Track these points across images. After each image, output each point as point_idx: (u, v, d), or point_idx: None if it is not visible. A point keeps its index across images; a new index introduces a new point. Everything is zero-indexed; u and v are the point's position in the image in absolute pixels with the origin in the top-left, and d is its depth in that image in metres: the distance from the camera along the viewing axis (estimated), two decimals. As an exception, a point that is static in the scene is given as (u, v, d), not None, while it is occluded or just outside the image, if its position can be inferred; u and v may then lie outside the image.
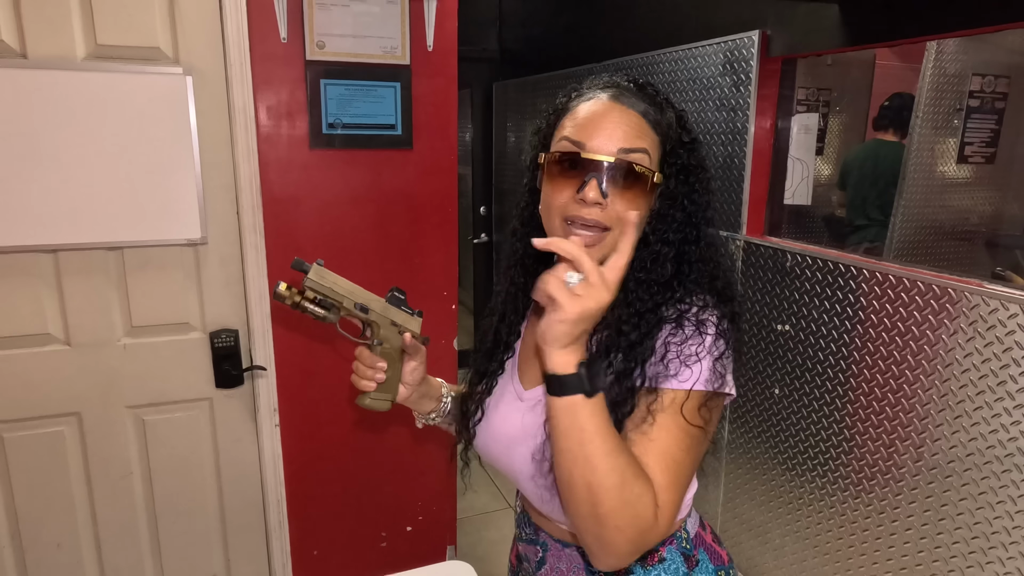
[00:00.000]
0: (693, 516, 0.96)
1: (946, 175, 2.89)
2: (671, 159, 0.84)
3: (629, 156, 0.80)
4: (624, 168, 0.79)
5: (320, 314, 0.93)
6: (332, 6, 1.66)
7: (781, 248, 1.84)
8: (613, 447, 0.70)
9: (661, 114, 0.84)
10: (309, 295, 0.92)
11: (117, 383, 1.67)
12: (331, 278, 0.92)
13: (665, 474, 0.75)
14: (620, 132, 0.81)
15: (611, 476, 0.70)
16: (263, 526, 1.90)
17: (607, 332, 0.83)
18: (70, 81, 1.48)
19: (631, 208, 0.79)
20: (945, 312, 1.41)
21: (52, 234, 1.53)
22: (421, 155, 1.82)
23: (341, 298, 0.92)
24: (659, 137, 0.83)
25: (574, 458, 0.71)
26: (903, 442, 1.53)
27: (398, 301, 0.97)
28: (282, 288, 0.91)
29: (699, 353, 0.79)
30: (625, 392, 0.79)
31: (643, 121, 0.82)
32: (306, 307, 0.92)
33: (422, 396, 1.05)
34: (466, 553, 2.51)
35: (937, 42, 2.68)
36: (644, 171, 0.80)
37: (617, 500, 0.70)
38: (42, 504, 1.67)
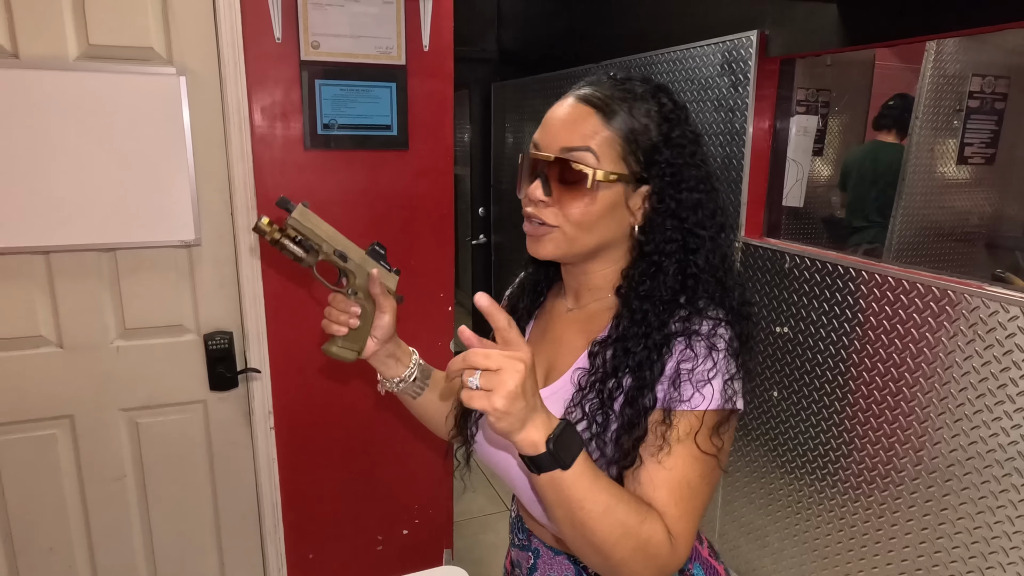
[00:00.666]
0: None
1: (946, 176, 2.88)
2: (649, 156, 0.80)
3: (570, 155, 0.79)
4: (561, 167, 0.79)
5: (298, 254, 0.91)
6: (327, 6, 1.65)
7: (780, 249, 1.82)
8: (607, 505, 0.68)
9: (631, 109, 0.80)
10: (290, 233, 0.91)
11: (110, 385, 1.66)
12: (314, 220, 0.91)
13: (679, 504, 0.73)
14: (564, 129, 0.80)
15: (613, 532, 0.69)
16: (258, 530, 1.89)
17: (613, 350, 0.80)
18: (62, 81, 1.47)
19: (578, 205, 0.79)
20: (945, 314, 1.39)
21: (44, 236, 1.52)
22: (417, 156, 1.81)
23: (321, 241, 0.91)
24: (617, 134, 0.79)
25: (571, 524, 0.70)
26: (903, 445, 1.52)
27: (377, 255, 0.96)
28: (264, 222, 0.89)
29: (711, 374, 0.76)
30: (636, 415, 0.77)
31: (595, 116, 0.79)
32: (285, 244, 0.90)
33: (389, 356, 1.01)
34: (462, 557, 2.49)
35: (936, 42, 2.67)
36: (581, 169, 0.78)
37: (626, 550, 0.69)
38: (34, 508, 1.66)
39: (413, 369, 1.04)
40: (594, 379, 0.81)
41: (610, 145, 0.79)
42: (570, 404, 0.82)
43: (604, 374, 0.80)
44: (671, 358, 0.78)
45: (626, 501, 0.71)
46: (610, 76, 0.84)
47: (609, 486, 0.70)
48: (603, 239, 0.82)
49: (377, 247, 0.96)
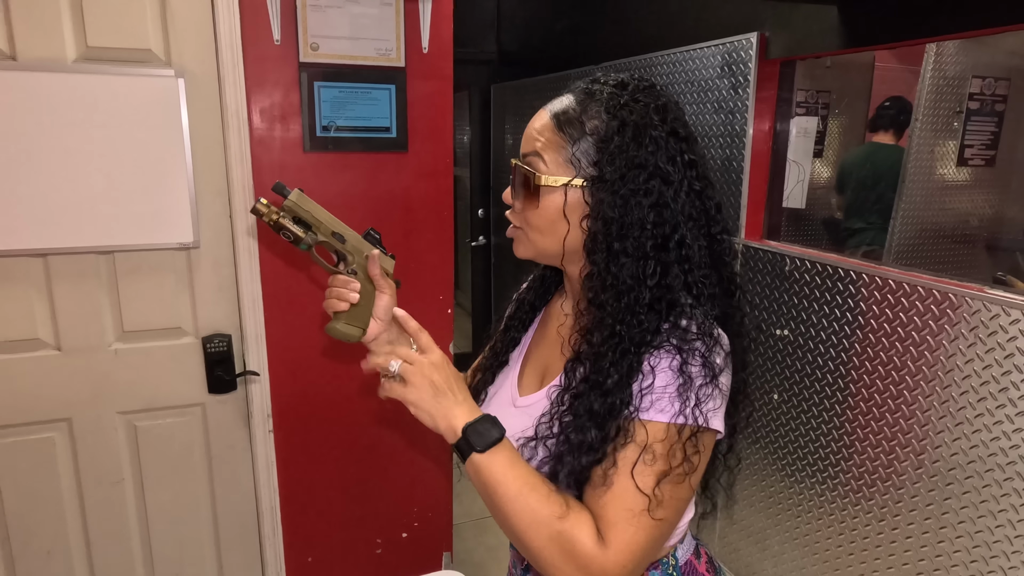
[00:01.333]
0: (687, 543, 0.92)
1: (946, 178, 2.88)
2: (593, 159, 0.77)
3: (524, 160, 0.83)
4: (517, 171, 0.84)
5: (298, 233, 0.93)
6: (326, 8, 1.64)
7: (780, 252, 1.82)
8: (518, 491, 0.74)
9: (581, 112, 0.79)
10: (286, 214, 0.93)
11: (108, 388, 1.65)
12: (311, 204, 0.93)
13: (617, 511, 0.72)
14: (527, 137, 0.84)
15: (524, 518, 0.73)
16: (257, 533, 1.88)
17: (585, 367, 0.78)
18: (60, 83, 1.46)
19: (530, 209, 0.83)
20: (946, 317, 1.39)
21: (42, 238, 1.51)
22: (416, 158, 1.81)
23: (319, 223, 0.93)
24: (567, 138, 0.79)
25: (492, 508, 0.77)
26: (903, 448, 1.51)
27: (374, 240, 0.98)
28: (262, 203, 0.91)
29: (674, 388, 0.73)
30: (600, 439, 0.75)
31: (549, 122, 0.82)
32: (284, 225, 0.92)
33: (390, 342, 0.99)
34: (462, 559, 2.49)
35: (936, 44, 2.67)
36: (527, 172, 0.82)
37: (540, 539, 0.73)
38: (32, 511, 1.65)
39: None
40: (566, 396, 0.80)
41: (556, 150, 0.80)
42: (542, 419, 0.82)
43: (575, 393, 0.78)
44: (642, 375, 0.75)
45: (541, 491, 0.74)
46: (591, 78, 0.85)
47: (526, 475, 0.75)
48: (560, 243, 0.82)
49: (372, 232, 0.99)
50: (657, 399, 0.73)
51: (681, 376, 0.74)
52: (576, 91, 0.83)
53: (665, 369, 0.74)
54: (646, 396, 0.74)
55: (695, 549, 0.94)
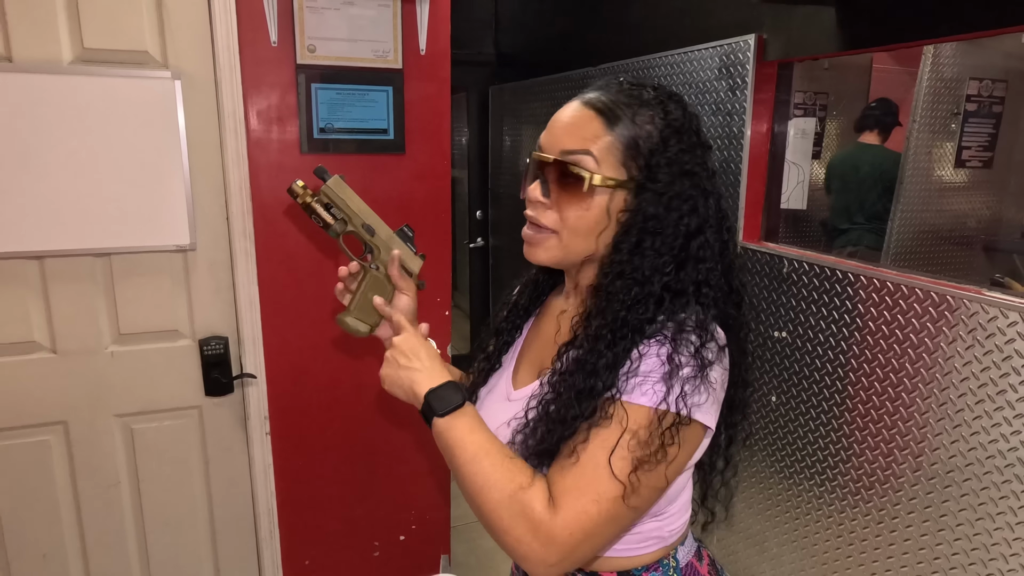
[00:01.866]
0: (687, 544, 0.92)
1: (943, 179, 2.88)
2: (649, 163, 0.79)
3: (569, 157, 0.79)
4: (560, 168, 0.79)
5: (327, 220, 0.94)
6: (323, 9, 1.64)
7: (777, 254, 1.82)
8: (474, 454, 0.76)
9: (634, 115, 0.79)
10: (323, 200, 0.93)
11: (104, 391, 1.65)
12: (348, 192, 0.93)
13: (574, 479, 0.72)
14: (565, 132, 0.81)
15: (477, 480, 0.75)
16: (254, 536, 1.88)
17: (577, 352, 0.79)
18: (56, 85, 1.46)
19: (575, 210, 0.79)
20: (944, 319, 1.39)
21: (38, 240, 1.51)
22: (414, 159, 1.80)
23: (352, 213, 0.93)
24: (618, 139, 0.78)
25: (452, 470, 0.80)
26: (901, 451, 1.51)
27: (405, 237, 0.98)
28: (298, 185, 0.92)
29: (659, 373, 0.74)
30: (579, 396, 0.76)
31: (597, 120, 0.79)
32: (315, 208, 0.93)
33: None
34: (460, 562, 2.48)
35: (934, 46, 2.67)
36: (580, 172, 0.78)
37: (491, 501, 0.74)
38: (28, 514, 1.65)
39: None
40: (556, 380, 0.81)
41: (609, 150, 0.78)
42: (530, 402, 0.83)
43: (562, 376, 0.80)
44: (630, 361, 0.76)
45: (496, 457, 0.76)
46: (619, 82, 0.84)
47: (484, 440, 0.78)
48: (597, 245, 0.81)
49: (406, 229, 0.99)
50: (640, 383, 0.74)
51: (668, 364, 0.74)
52: (615, 90, 0.82)
53: (653, 356, 0.75)
54: (630, 379, 0.75)
55: (697, 551, 0.93)
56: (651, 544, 0.87)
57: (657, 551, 0.88)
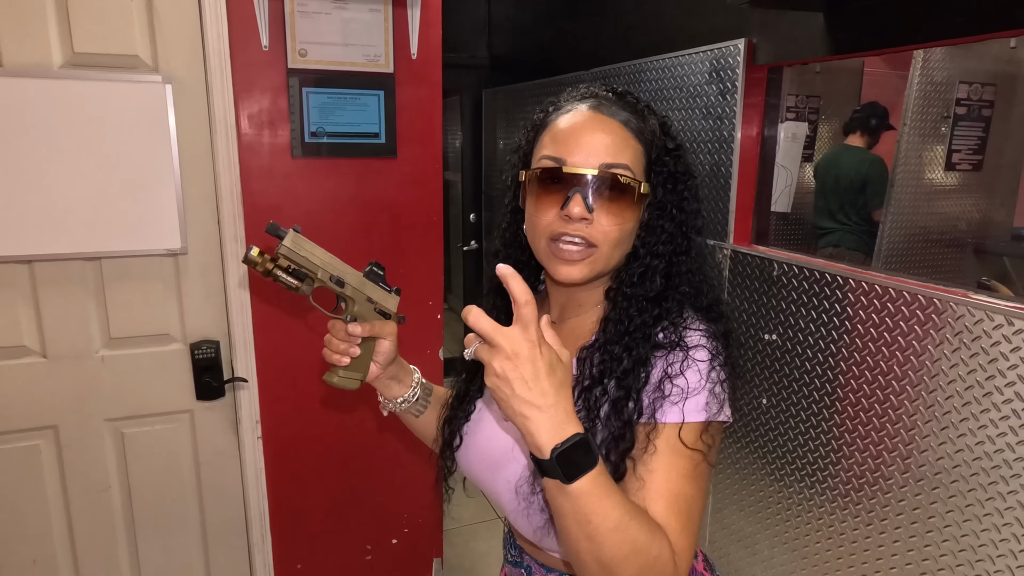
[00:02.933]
0: None
1: (934, 182, 2.90)
2: (657, 167, 0.82)
3: (612, 169, 0.78)
4: (609, 181, 0.77)
5: (292, 284, 0.89)
6: (314, 14, 1.64)
7: (768, 257, 1.83)
8: (618, 522, 0.65)
9: (643, 122, 0.82)
10: (283, 263, 0.88)
11: (95, 395, 1.64)
12: (307, 247, 0.88)
13: (679, 518, 0.72)
14: (602, 144, 0.79)
15: (623, 549, 0.65)
16: (245, 540, 1.87)
17: (600, 355, 0.80)
18: (47, 89, 1.46)
19: (618, 222, 0.78)
20: (931, 322, 1.40)
21: (28, 244, 1.50)
22: (405, 163, 1.81)
23: (316, 269, 0.88)
24: (642, 146, 0.81)
25: (577, 538, 0.66)
26: (890, 453, 1.52)
27: (376, 277, 0.93)
28: (254, 253, 0.87)
29: (697, 383, 0.76)
30: (623, 426, 0.76)
31: (625, 130, 0.80)
32: (278, 276, 0.88)
33: (391, 378, 1.00)
34: (453, 566, 2.48)
35: (924, 50, 2.69)
36: (630, 182, 0.78)
37: (634, 568, 0.66)
38: (17, 519, 1.64)
39: (416, 389, 1.03)
40: (581, 387, 0.80)
41: (639, 157, 0.81)
42: None
43: (591, 381, 0.79)
44: (656, 368, 0.78)
45: (639, 518, 0.67)
46: (613, 90, 0.85)
47: (622, 501, 0.66)
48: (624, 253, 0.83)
49: (375, 268, 0.93)
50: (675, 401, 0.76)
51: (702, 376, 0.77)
52: (621, 101, 0.83)
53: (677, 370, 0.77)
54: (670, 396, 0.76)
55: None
56: None
57: None
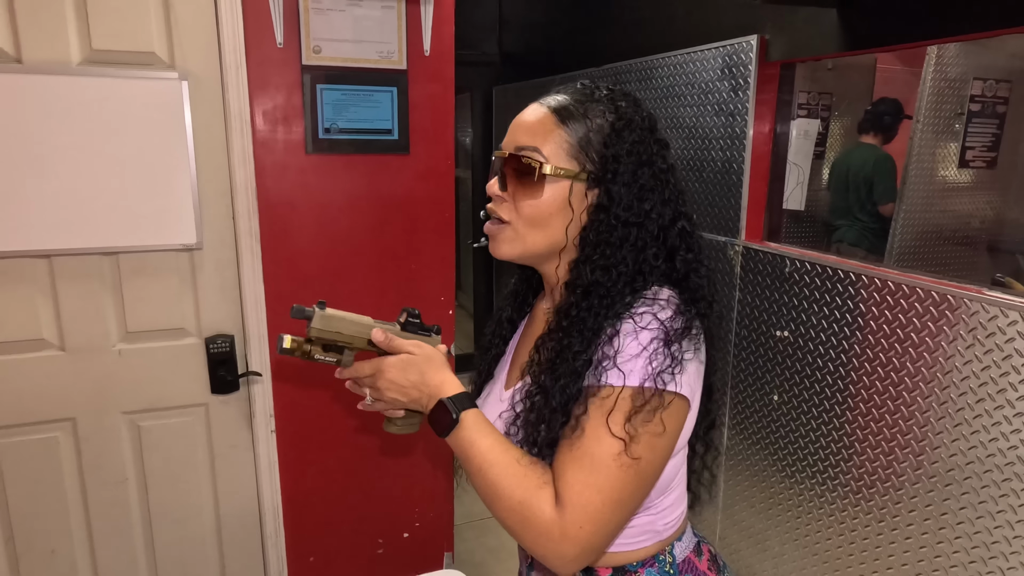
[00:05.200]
0: (685, 539, 0.92)
1: (947, 180, 2.88)
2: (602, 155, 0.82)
3: (521, 152, 0.83)
4: (513, 162, 0.84)
5: (333, 360, 0.89)
6: (328, 11, 1.65)
7: (780, 254, 1.82)
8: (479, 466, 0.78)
9: (583, 111, 0.83)
10: (316, 343, 0.87)
11: (112, 389, 1.66)
12: (336, 322, 0.86)
13: (575, 474, 0.74)
14: (521, 131, 0.85)
15: (484, 490, 0.78)
16: (259, 532, 1.89)
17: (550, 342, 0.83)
18: (65, 86, 1.48)
19: (526, 200, 0.83)
20: (945, 319, 1.39)
21: (47, 239, 1.53)
22: (418, 160, 1.82)
23: (351, 339, 0.87)
24: (569, 133, 0.83)
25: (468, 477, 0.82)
26: (903, 449, 1.52)
27: (414, 326, 0.92)
28: (287, 343, 0.86)
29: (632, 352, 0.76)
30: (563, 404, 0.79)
31: (551, 117, 0.84)
32: (317, 357, 0.88)
33: None
34: (464, 560, 2.49)
35: (938, 46, 2.67)
36: (531, 163, 0.82)
37: (499, 509, 0.77)
38: (36, 510, 1.66)
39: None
40: (534, 371, 0.84)
41: (558, 143, 0.83)
42: (519, 396, 0.86)
43: (540, 367, 0.83)
44: (602, 344, 0.79)
45: (503, 466, 0.77)
46: (578, 84, 0.88)
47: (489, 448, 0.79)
48: (555, 238, 0.85)
49: (411, 317, 0.92)
50: (619, 363, 0.76)
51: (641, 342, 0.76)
52: (570, 91, 0.87)
53: (626, 335, 0.77)
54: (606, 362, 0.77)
55: (696, 546, 0.93)
56: (645, 539, 0.88)
57: (652, 545, 0.88)
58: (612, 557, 0.87)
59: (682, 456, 0.89)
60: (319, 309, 0.85)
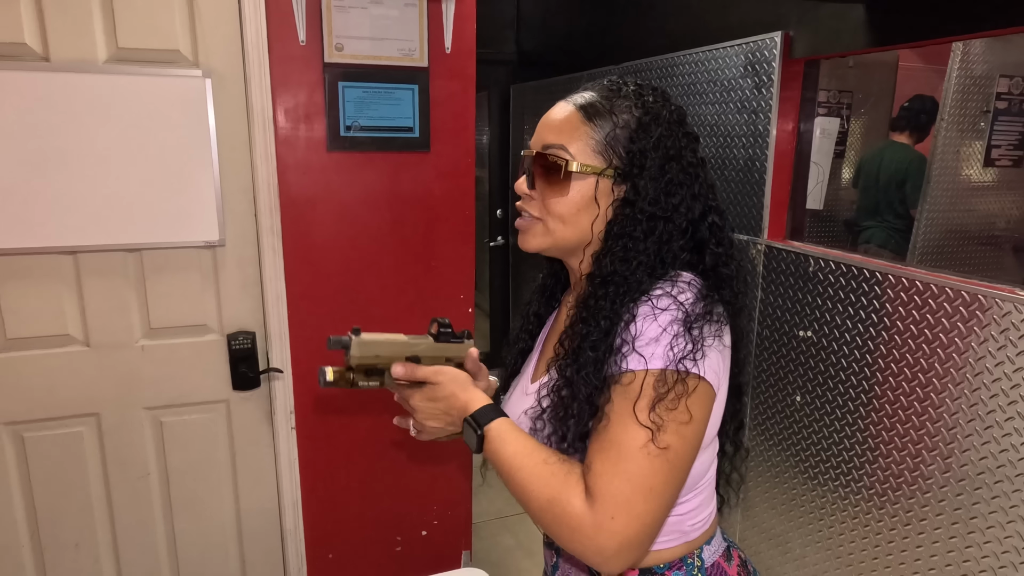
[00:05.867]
0: (714, 543, 0.91)
1: (972, 179, 2.83)
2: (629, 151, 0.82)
3: (548, 150, 0.84)
4: (540, 160, 0.85)
5: (376, 384, 0.90)
6: (350, 8, 1.66)
7: (803, 252, 1.80)
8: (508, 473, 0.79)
9: (611, 107, 0.84)
10: (358, 370, 0.88)
11: (135, 384, 1.68)
12: (373, 347, 0.87)
13: (604, 463, 0.74)
14: (548, 129, 0.86)
15: (517, 492, 0.79)
16: (279, 528, 1.90)
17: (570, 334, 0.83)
18: (91, 84, 1.49)
19: (555, 197, 0.84)
20: (975, 319, 1.37)
21: (72, 236, 1.54)
22: (438, 157, 1.82)
23: (390, 361, 0.88)
24: (595, 131, 0.83)
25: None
26: (930, 452, 1.49)
27: (446, 337, 0.93)
28: (330, 376, 0.87)
29: (654, 336, 0.75)
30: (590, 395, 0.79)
31: (577, 115, 0.84)
32: (360, 385, 0.89)
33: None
34: (481, 559, 2.49)
35: (963, 43, 2.63)
36: (557, 160, 0.83)
37: (535, 511, 0.77)
38: (61, 504, 1.68)
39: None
40: (560, 365, 0.84)
41: (585, 140, 0.83)
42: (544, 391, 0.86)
43: (564, 360, 0.83)
44: (620, 330, 0.78)
45: (531, 465, 0.78)
46: (605, 81, 0.89)
47: (517, 452, 0.79)
48: (582, 233, 0.85)
49: (443, 327, 0.93)
50: (639, 348, 0.76)
51: (664, 323, 0.76)
52: (597, 87, 0.87)
53: (648, 316, 0.77)
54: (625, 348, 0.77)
55: (726, 551, 0.92)
56: (672, 539, 0.86)
57: (679, 547, 0.87)
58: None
59: (711, 453, 0.88)
60: (355, 336, 0.86)
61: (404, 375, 0.87)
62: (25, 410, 1.60)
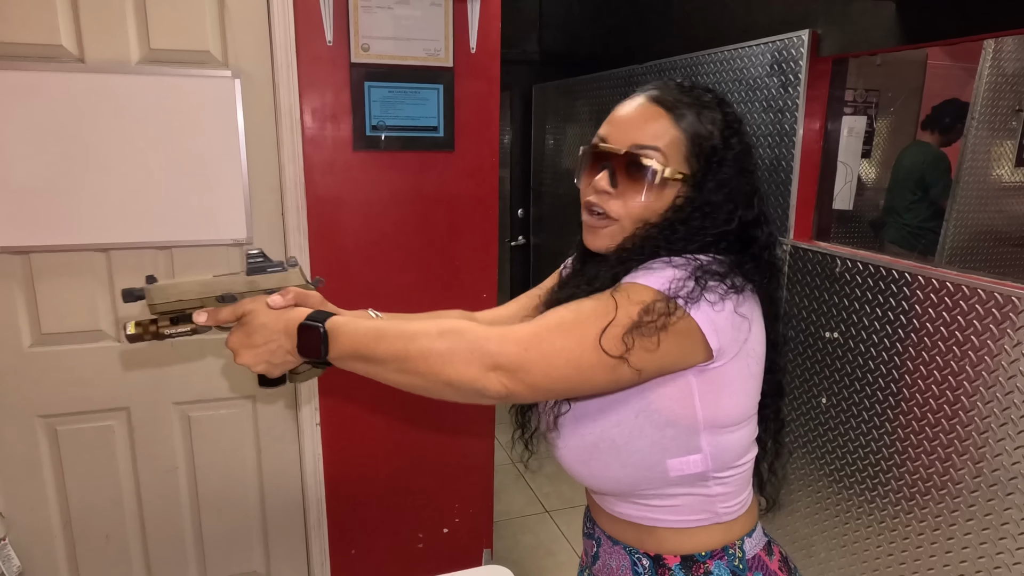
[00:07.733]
0: (755, 536, 0.91)
1: (1003, 179, 2.78)
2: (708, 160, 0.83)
3: (640, 151, 0.83)
4: (630, 161, 0.83)
5: (188, 330, 0.82)
6: (377, 9, 1.67)
7: (830, 253, 1.78)
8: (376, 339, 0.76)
9: (698, 114, 0.84)
10: (162, 319, 0.81)
11: (164, 379, 1.71)
12: (173, 290, 0.81)
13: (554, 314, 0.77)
14: (635, 127, 0.84)
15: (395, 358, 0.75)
16: (303, 524, 1.92)
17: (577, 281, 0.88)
18: (124, 85, 1.52)
19: (639, 200, 0.83)
20: (1008, 321, 1.35)
21: (105, 233, 1.57)
22: (463, 157, 1.82)
23: (197, 302, 0.81)
24: (686, 136, 0.83)
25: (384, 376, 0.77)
26: (960, 456, 1.47)
27: (259, 266, 0.85)
28: (131, 330, 0.81)
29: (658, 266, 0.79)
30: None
31: (667, 118, 0.83)
32: (166, 333, 0.82)
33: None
34: (502, 557, 2.50)
35: (994, 41, 2.58)
36: (651, 166, 0.82)
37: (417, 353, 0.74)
38: (92, 496, 1.72)
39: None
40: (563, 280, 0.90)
41: (677, 146, 0.83)
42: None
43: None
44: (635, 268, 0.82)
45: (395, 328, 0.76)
46: (677, 83, 0.88)
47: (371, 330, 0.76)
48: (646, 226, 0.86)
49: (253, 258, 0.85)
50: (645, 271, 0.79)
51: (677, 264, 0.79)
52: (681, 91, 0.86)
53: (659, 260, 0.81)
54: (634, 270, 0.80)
55: (767, 546, 0.92)
56: (703, 518, 0.86)
57: (717, 532, 0.86)
58: (673, 537, 0.86)
59: (748, 436, 0.87)
60: (149, 284, 0.81)
61: (208, 321, 0.81)
62: (58, 403, 1.64)
